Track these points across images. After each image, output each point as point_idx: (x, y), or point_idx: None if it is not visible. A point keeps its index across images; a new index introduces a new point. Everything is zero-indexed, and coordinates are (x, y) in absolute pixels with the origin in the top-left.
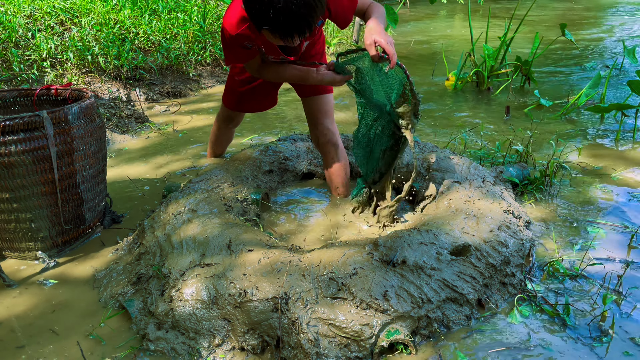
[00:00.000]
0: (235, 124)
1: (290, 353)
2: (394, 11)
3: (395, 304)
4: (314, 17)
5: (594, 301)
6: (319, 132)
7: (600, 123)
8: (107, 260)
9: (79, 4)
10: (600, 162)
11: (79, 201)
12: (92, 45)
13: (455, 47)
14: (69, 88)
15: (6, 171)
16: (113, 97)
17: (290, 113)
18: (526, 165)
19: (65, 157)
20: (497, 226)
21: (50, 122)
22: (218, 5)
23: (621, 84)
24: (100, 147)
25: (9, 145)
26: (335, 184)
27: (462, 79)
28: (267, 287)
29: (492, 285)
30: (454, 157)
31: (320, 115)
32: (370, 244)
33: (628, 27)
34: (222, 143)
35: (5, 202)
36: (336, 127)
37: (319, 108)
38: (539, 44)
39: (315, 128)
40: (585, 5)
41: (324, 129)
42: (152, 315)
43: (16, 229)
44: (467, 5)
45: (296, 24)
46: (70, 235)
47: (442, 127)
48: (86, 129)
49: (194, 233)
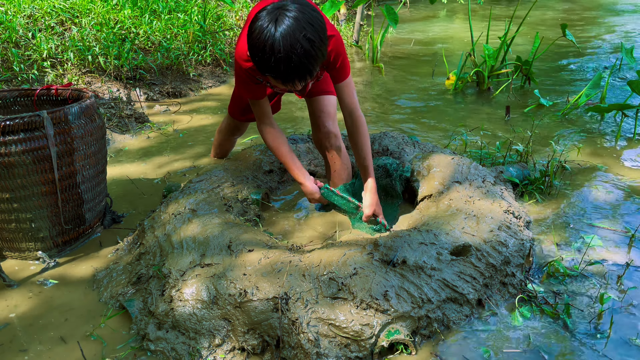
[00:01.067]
0: (240, 134)
1: (291, 353)
2: (394, 11)
3: (396, 304)
4: (314, 65)
5: (594, 301)
6: (322, 135)
7: (600, 123)
8: (107, 260)
9: (79, 4)
10: (601, 162)
11: (79, 201)
12: (92, 45)
13: (456, 47)
14: (69, 88)
15: (6, 171)
16: (113, 97)
17: (292, 113)
18: (526, 165)
19: (65, 157)
20: (497, 226)
21: (50, 122)
22: (218, 5)
23: (621, 84)
24: (101, 147)
25: (9, 145)
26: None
27: (462, 79)
28: (267, 287)
29: (492, 285)
30: (454, 157)
31: (324, 116)
32: (371, 244)
33: (628, 27)
34: (227, 150)
35: (6, 202)
36: (338, 128)
37: (322, 109)
38: (540, 44)
39: (318, 131)
40: (585, 5)
41: (327, 132)
42: (153, 315)
43: (16, 229)
44: (467, 5)
45: (297, 72)
46: (71, 235)
47: (442, 127)
48: (86, 129)
49: (194, 233)
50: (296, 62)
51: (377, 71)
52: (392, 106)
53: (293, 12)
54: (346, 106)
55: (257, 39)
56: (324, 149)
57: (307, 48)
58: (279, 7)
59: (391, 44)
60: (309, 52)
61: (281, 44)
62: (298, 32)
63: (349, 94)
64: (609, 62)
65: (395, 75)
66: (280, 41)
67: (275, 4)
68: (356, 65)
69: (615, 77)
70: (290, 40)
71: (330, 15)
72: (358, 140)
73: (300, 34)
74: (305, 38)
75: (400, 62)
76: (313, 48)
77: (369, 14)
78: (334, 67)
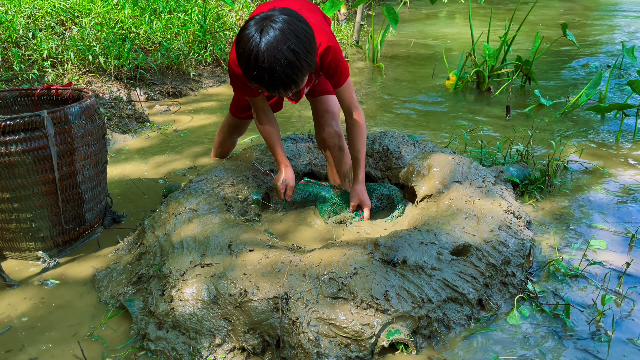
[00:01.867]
0: (240, 134)
1: (291, 353)
2: (394, 11)
3: (396, 304)
4: (299, 75)
5: (594, 301)
6: (325, 135)
7: (601, 123)
8: (108, 260)
9: (79, 4)
10: (601, 161)
11: (80, 201)
12: (92, 45)
13: (456, 47)
14: (70, 88)
15: (7, 171)
16: (113, 97)
17: (293, 113)
18: (527, 165)
19: (65, 157)
20: (497, 226)
21: (50, 121)
22: (218, 5)
23: (621, 84)
24: (101, 147)
25: (9, 145)
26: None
27: (462, 79)
28: (268, 286)
29: (492, 285)
30: (454, 156)
31: (328, 116)
32: (371, 243)
33: (629, 27)
34: (227, 150)
35: (6, 202)
36: (341, 128)
37: (326, 108)
38: (540, 43)
39: (322, 130)
40: (585, 5)
41: (330, 132)
42: (153, 315)
43: (17, 228)
44: (468, 5)
45: (281, 82)
46: (71, 235)
47: (443, 127)
48: (87, 129)
49: (195, 233)
50: (280, 72)
51: (378, 71)
52: (392, 106)
53: (279, 24)
54: (346, 107)
55: (242, 48)
56: (327, 148)
57: (290, 59)
58: (266, 17)
59: (391, 43)
60: (292, 63)
61: (265, 54)
62: (282, 43)
63: (348, 96)
64: (610, 61)
65: (395, 75)
66: (264, 52)
67: (264, 14)
68: (356, 65)
69: (614, 76)
70: (273, 51)
71: (330, 15)
72: (354, 134)
73: (284, 45)
74: (289, 49)
75: (401, 62)
76: (297, 59)
77: (369, 14)
78: (332, 75)
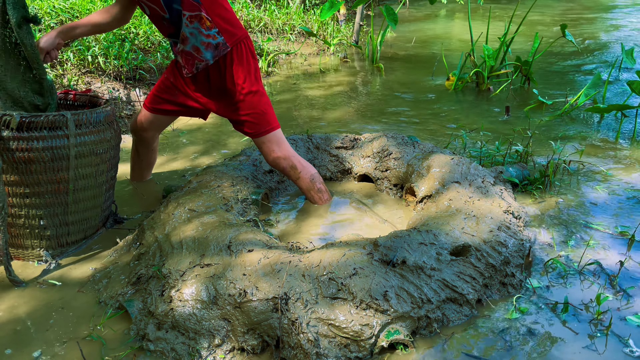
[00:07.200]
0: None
1: (290, 353)
2: (393, 11)
3: (395, 304)
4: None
5: (592, 300)
6: (271, 162)
7: (599, 123)
8: (107, 261)
9: (79, 4)
10: (600, 162)
11: (89, 204)
12: (92, 45)
13: (455, 47)
14: (88, 95)
15: (25, 166)
16: (113, 97)
17: (291, 113)
18: (526, 165)
19: (82, 159)
20: (497, 226)
21: (73, 123)
22: None
23: (621, 84)
24: (115, 154)
25: (31, 141)
26: (315, 199)
27: (462, 79)
28: (267, 287)
29: (491, 286)
30: (454, 157)
31: (265, 149)
32: (370, 244)
33: (629, 27)
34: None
35: (19, 197)
36: (285, 148)
37: (259, 146)
38: (539, 44)
39: (267, 159)
40: (585, 5)
41: (274, 160)
42: (152, 315)
43: (24, 224)
44: (467, 5)
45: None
46: (76, 236)
47: (442, 127)
48: (105, 135)
49: (194, 233)
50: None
51: (377, 71)
52: (391, 106)
53: None
54: None
55: None
56: (281, 172)
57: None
58: None
59: (391, 44)
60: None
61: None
62: None
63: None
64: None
65: (395, 75)
66: None
67: None
68: (356, 65)
69: (612, 77)
70: None
71: (329, 16)
72: None
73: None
74: None
75: (400, 63)
76: None
77: (368, 14)
78: None
